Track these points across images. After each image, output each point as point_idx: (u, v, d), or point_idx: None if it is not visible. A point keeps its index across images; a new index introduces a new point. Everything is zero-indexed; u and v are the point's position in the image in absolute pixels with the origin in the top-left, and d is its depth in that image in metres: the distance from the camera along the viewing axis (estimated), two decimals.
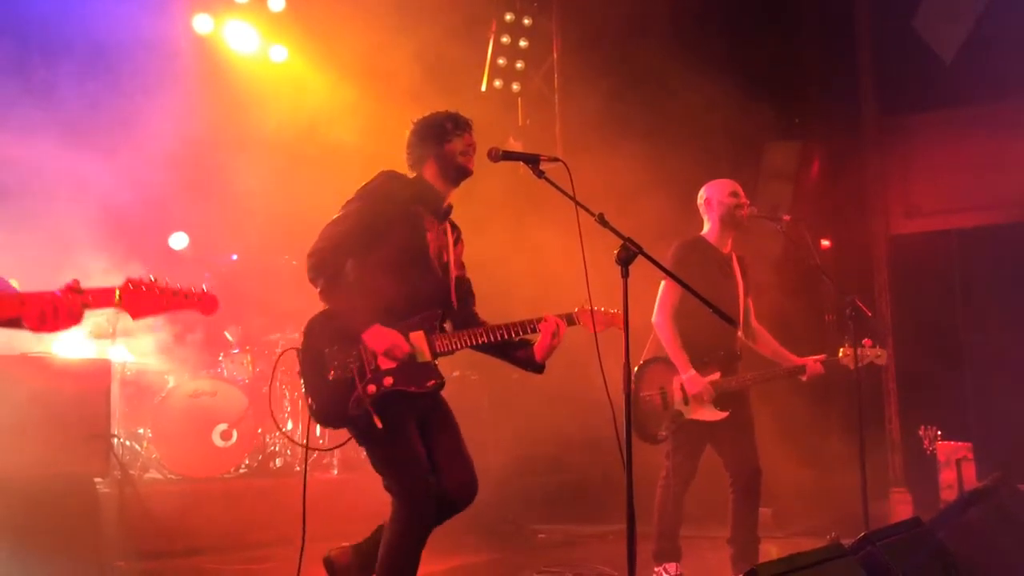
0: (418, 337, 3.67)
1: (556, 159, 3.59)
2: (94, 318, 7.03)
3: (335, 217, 3.69)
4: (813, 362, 5.13)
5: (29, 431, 5.25)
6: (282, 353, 3.73)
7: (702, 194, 5.24)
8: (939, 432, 6.97)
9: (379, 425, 3.52)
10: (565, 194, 3.49)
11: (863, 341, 5.08)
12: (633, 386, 4.84)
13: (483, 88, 8.84)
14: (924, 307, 8.08)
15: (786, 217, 5.37)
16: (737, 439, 5.05)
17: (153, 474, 6.85)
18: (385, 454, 3.63)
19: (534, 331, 3.79)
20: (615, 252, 3.34)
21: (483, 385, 8.02)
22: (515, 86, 9.07)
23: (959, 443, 6.95)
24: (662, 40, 8.25)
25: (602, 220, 3.40)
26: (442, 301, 3.81)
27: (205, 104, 7.72)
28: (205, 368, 7.39)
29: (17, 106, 6.72)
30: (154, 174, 7.49)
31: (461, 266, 4.00)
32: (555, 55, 9.17)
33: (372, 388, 3.56)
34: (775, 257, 7.90)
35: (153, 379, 7.32)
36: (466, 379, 7.76)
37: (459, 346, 3.74)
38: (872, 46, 8.63)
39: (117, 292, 2.88)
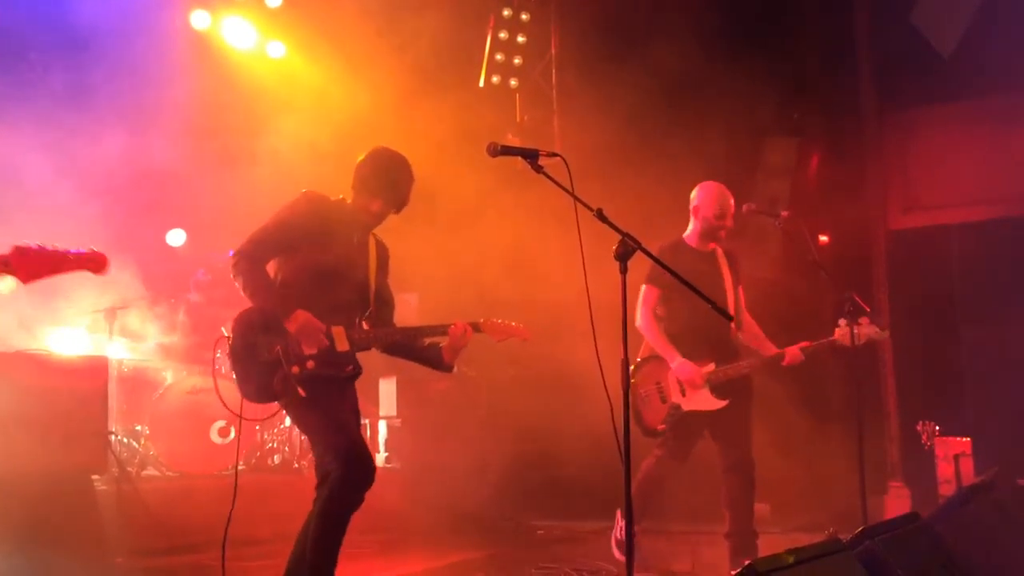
0: (338, 331, 3.99)
1: (555, 154, 3.59)
2: (93, 315, 7.04)
3: (262, 224, 4.03)
4: (792, 350, 5.18)
5: (26, 428, 5.23)
6: (217, 340, 4.08)
7: (694, 196, 5.35)
8: (937, 427, 6.96)
9: (302, 393, 3.82)
10: (564, 189, 3.48)
11: (860, 319, 5.09)
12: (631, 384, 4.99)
13: (481, 84, 8.83)
14: (922, 302, 8.07)
15: (784, 213, 5.41)
16: (734, 429, 5.15)
17: (151, 471, 6.85)
18: (315, 418, 3.91)
19: (443, 334, 4.13)
20: (614, 248, 3.34)
21: (481, 382, 8.03)
22: (513, 82, 9.06)
23: (958, 438, 6.95)
24: (660, 36, 8.22)
25: (601, 215, 3.40)
26: (360, 305, 4.15)
27: (202, 100, 7.71)
28: (202, 364, 7.38)
29: (12, 100, 6.71)
30: (151, 170, 7.48)
31: (382, 277, 4.29)
32: (553, 51, 9.16)
33: (296, 368, 3.87)
34: (773, 253, 7.90)
35: (150, 376, 7.32)
36: (464, 376, 7.77)
37: (375, 341, 4.12)
38: (871, 41, 8.61)
39: (4, 259, 2.96)
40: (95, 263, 3.32)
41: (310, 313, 3.89)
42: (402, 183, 4.15)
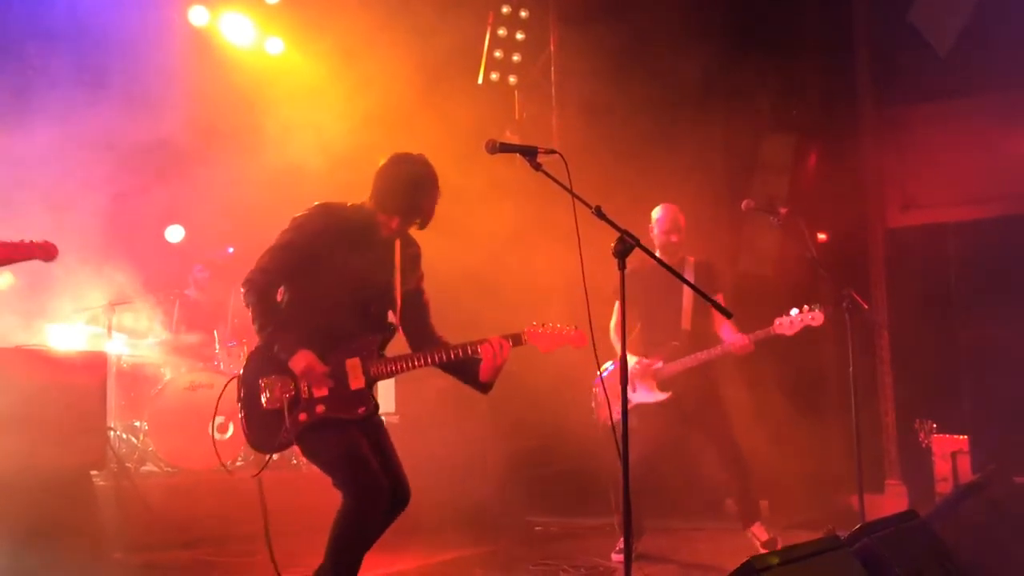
0: (353, 364, 3.75)
1: (553, 151, 3.59)
2: (91, 311, 7.04)
3: (270, 246, 3.79)
4: (740, 340, 5.42)
5: (25, 424, 5.23)
6: (227, 383, 3.78)
7: (652, 214, 5.85)
8: (935, 425, 6.97)
9: (301, 456, 3.72)
10: (562, 186, 3.48)
11: (802, 307, 5.35)
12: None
13: (480, 81, 8.82)
14: (920, 300, 8.07)
15: (783, 210, 5.41)
16: (712, 427, 5.67)
17: (150, 467, 6.85)
18: (330, 456, 3.72)
19: (475, 353, 3.83)
20: (612, 245, 3.35)
21: None
22: (512, 79, 9.04)
23: (955, 436, 6.96)
24: (659, 33, 8.22)
25: (599, 213, 3.40)
26: (380, 327, 3.88)
27: (200, 97, 7.70)
28: (202, 361, 7.39)
29: (10, 95, 6.70)
30: (150, 166, 7.48)
31: (413, 281, 4.01)
32: (552, 48, 9.14)
33: (303, 416, 3.66)
34: (771, 250, 7.91)
35: (149, 372, 7.32)
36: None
37: (395, 371, 3.84)
38: (869, 39, 8.61)
39: None
40: (44, 251, 3.64)
41: (318, 349, 3.64)
42: (425, 202, 3.84)
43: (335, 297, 3.75)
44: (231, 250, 8.15)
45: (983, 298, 7.90)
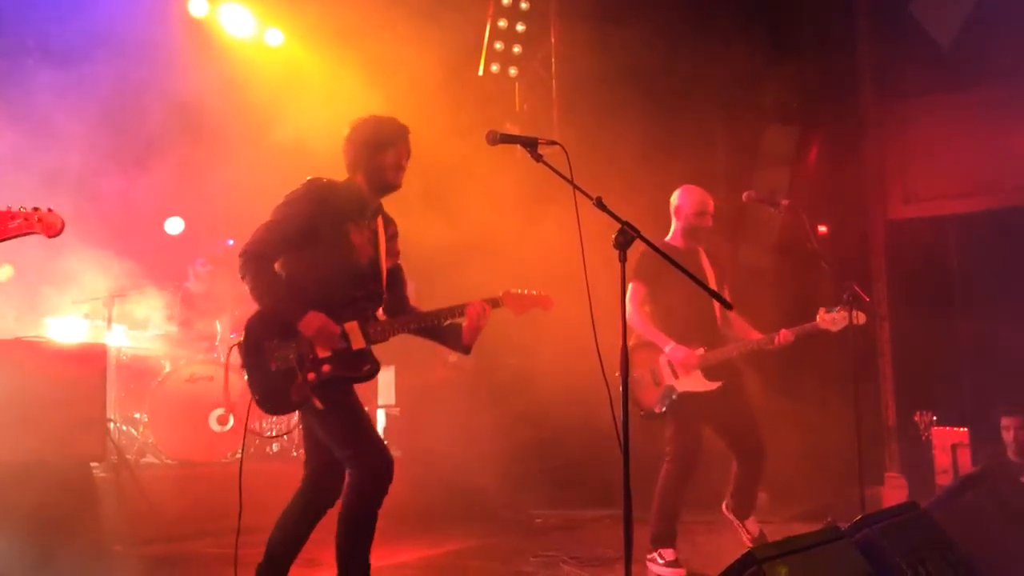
0: (352, 327, 3.84)
1: (554, 142, 3.59)
2: (90, 303, 7.03)
3: (265, 221, 3.86)
4: (783, 332, 5.21)
5: (25, 416, 5.23)
6: (231, 349, 3.86)
7: (674, 199, 5.48)
8: (935, 418, 6.98)
9: (319, 406, 3.71)
10: (563, 177, 3.48)
11: (837, 308, 5.15)
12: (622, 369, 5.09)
13: (480, 72, 8.80)
14: (921, 293, 8.07)
15: (784, 202, 5.41)
16: (737, 415, 5.26)
17: (150, 459, 6.85)
18: (335, 425, 3.77)
19: (461, 315, 4.01)
20: (613, 236, 3.34)
21: (480, 371, 8.03)
22: (512, 70, 9.03)
23: (955, 429, 6.97)
24: (660, 25, 8.20)
25: (600, 204, 3.39)
26: (372, 294, 3.99)
27: (201, 88, 7.68)
28: (201, 353, 7.38)
29: (7, 88, 6.69)
30: (149, 158, 7.46)
31: (393, 256, 4.16)
32: (552, 39, 9.13)
33: (312, 376, 3.73)
34: (772, 242, 7.90)
35: (149, 364, 7.32)
36: (463, 365, 7.77)
37: (392, 333, 3.94)
38: (871, 31, 8.60)
39: None
40: (45, 226, 3.23)
41: (323, 312, 3.75)
42: (386, 159, 3.94)
43: (330, 268, 3.85)
44: (231, 242, 8.14)
45: (984, 290, 7.90)
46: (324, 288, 3.82)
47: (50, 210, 3.36)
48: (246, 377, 3.78)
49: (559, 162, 3.52)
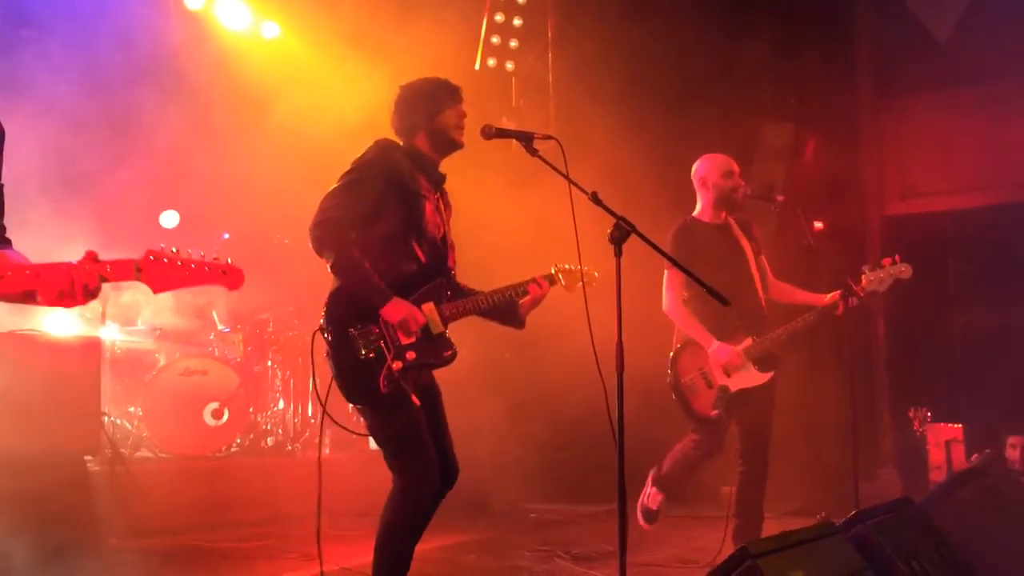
0: (429, 309, 3.68)
1: (550, 137, 3.58)
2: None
3: (332, 188, 3.63)
4: (835, 297, 4.97)
5: (19, 409, 5.22)
6: (314, 336, 3.63)
7: (696, 169, 5.21)
8: (929, 414, 6.98)
9: (416, 402, 3.55)
10: (559, 172, 3.47)
11: (883, 261, 4.97)
12: (672, 376, 4.99)
13: (477, 67, 8.78)
14: (917, 288, 8.06)
15: (780, 197, 5.37)
16: (757, 414, 5.00)
17: (144, 452, 6.84)
18: (396, 430, 3.58)
19: (525, 293, 3.93)
20: (608, 231, 3.32)
21: (475, 364, 8.00)
22: (509, 65, 9.01)
23: (949, 425, 6.98)
24: (658, 20, 8.19)
25: (596, 199, 3.38)
26: (444, 270, 3.80)
27: (195, 82, 7.66)
28: (196, 347, 7.37)
29: (4, 77, 6.66)
30: (144, 152, 7.44)
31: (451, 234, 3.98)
32: (549, 34, 9.10)
33: (398, 364, 3.54)
34: (769, 237, 7.89)
35: (144, 357, 7.31)
36: (460, 359, 7.73)
37: (464, 313, 3.78)
38: (869, 26, 8.60)
39: (137, 264, 2.68)
40: (230, 278, 2.85)
41: (398, 292, 3.56)
42: (444, 108, 3.75)
43: (407, 242, 3.66)
44: (226, 236, 8.13)
45: (980, 286, 7.91)
46: (399, 265, 3.63)
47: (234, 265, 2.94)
48: (332, 365, 3.56)
49: (555, 157, 3.51)
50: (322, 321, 3.60)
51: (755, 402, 4.98)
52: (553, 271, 4.05)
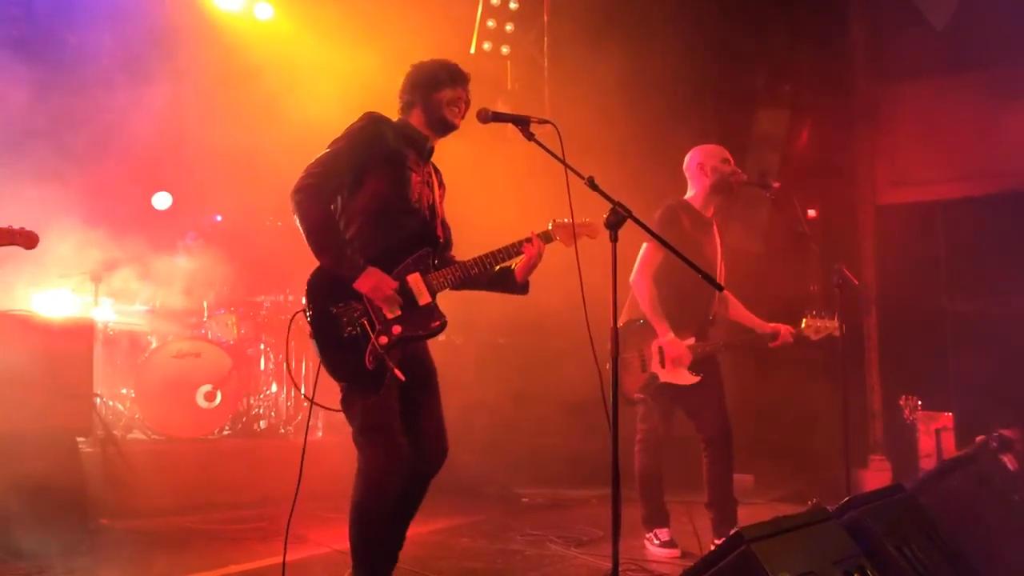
0: (415, 279, 3.64)
1: (546, 121, 3.58)
2: (77, 277, 6.98)
3: (320, 155, 3.60)
4: (785, 329, 5.11)
5: (11, 390, 5.20)
6: (293, 318, 3.59)
7: (691, 159, 5.23)
8: (920, 402, 7.02)
9: (401, 377, 3.49)
10: (555, 156, 3.46)
11: (823, 314, 5.09)
12: (613, 347, 4.95)
13: (472, 50, 8.74)
14: (909, 277, 8.10)
15: (775, 184, 5.36)
16: (708, 402, 5.05)
17: (136, 434, 6.84)
18: (366, 408, 3.53)
19: (519, 253, 3.83)
20: (604, 216, 3.32)
21: (468, 348, 8.02)
22: (504, 49, 8.97)
23: (940, 413, 7.01)
24: (653, 6, 8.17)
25: (592, 184, 3.38)
26: (430, 240, 3.76)
27: (188, 63, 7.61)
28: (189, 329, 7.36)
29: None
30: (137, 133, 7.39)
31: (442, 204, 3.96)
32: (545, 18, 9.06)
33: (384, 339, 3.51)
34: (762, 224, 7.91)
35: (136, 339, 7.29)
36: (451, 343, 7.75)
37: (453, 280, 3.72)
38: (863, 15, 8.59)
39: None
40: (25, 239, 3.80)
41: (381, 265, 3.52)
42: (443, 89, 3.76)
43: (391, 210, 3.63)
44: (219, 218, 8.10)
45: (971, 276, 7.93)
46: (382, 233, 3.60)
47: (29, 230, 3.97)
48: (316, 344, 3.50)
49: (551, 141, 3.50)
50: (304, 301, 3.55)
51: (699, 388, 5.00)
52: (550, 227, 3.93)
